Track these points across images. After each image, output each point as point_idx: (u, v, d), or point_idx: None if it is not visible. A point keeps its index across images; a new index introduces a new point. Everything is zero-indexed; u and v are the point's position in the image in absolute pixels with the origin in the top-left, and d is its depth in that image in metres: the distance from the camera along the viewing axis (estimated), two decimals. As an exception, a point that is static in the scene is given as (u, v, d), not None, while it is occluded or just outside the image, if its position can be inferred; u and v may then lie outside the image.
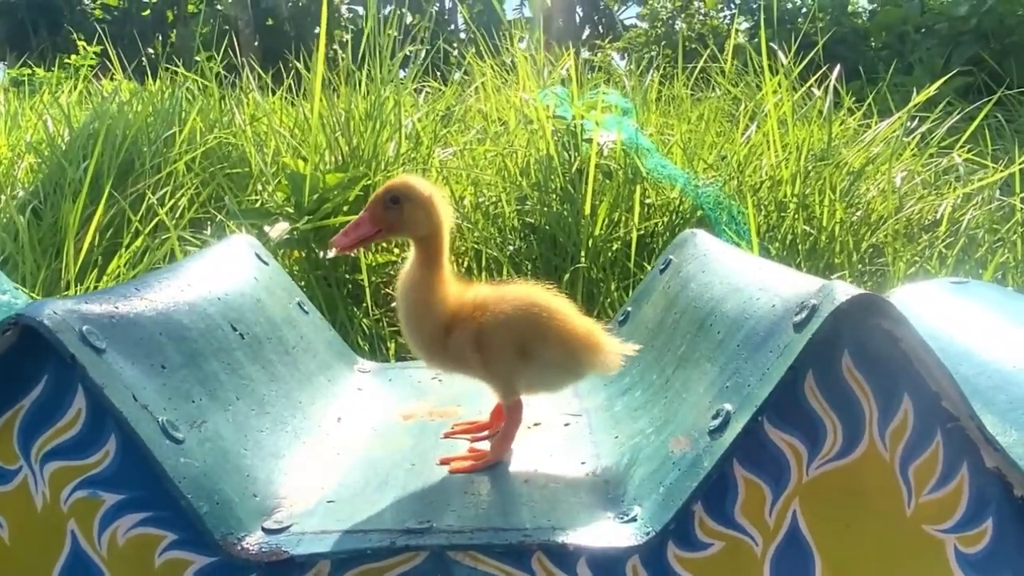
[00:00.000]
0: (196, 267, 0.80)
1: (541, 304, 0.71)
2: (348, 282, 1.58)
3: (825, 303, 0.55)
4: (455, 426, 0.80)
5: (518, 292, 0.72)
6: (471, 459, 0.72)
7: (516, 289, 0.72)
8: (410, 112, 1.99)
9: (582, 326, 0.71)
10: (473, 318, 0.70)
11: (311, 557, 0.56)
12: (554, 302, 0.72)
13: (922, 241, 1.65)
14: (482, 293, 0.72)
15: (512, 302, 0.70)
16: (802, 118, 1.92)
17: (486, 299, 0.71)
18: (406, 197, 0.69)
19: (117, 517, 0.58)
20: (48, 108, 2.47)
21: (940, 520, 0.58)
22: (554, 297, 0.72)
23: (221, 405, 0.67)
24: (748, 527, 0.57)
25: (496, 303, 0.70)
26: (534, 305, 0.70)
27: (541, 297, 0.71)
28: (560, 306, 0.72)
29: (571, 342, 0.70)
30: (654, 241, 1.65)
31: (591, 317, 1.48)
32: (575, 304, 0.74)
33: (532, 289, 0.73)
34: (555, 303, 0.71)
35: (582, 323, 0.72)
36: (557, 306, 0.71)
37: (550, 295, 0.72)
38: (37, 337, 0.55)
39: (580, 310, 0.74)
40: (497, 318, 0.69)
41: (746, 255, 0.86)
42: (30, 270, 1.62)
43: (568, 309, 0.72)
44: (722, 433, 0.57)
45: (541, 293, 0.72)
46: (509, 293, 0.72)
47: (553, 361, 0.70)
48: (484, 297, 0.71)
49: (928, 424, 0.57)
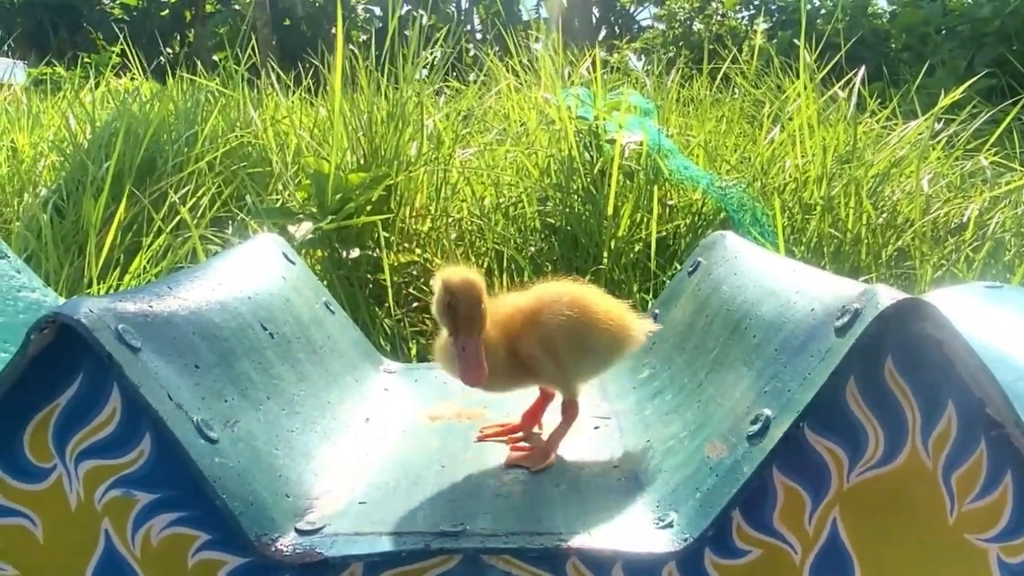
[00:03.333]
0: (226, 266, 0.80)
1: (587, 297, 0.73)
2: (370, 282, 1.58)
3: (868, 307, 0.54)
4: (484, 429, 0.80)
5: (558, 290, 0.73)
6: (528, 450, 0.73)
7: (552, 288, 0.74)
8: (431, 112, 1.99)
9: (617, 310, 0.75)
10: (530, 328, 0.71)
11: (345, 559, 0.56)
12: (590, 292, 0.75)
13: (949, 245, 1.63)
14: (520, 301, 0.73)
15: (562, 301, 0.72)
16: (826, 120, 1.91)
17: (530, 306, 0.72)
18: (484, 300, 0.68)
19: (151, 517, 0.58)
20: (71, 107, 2.48)
21: (983, 529, 0.57)
22: (586, 287, 0.75)
23: (252, 405, 0.67)
24: (787, 535, 0.57)
25: (548, 306, 0.72)
26: (582, 299, 0.73)
27: (579, 291, 0.74)
28: (596, 294, 0.75)
29: (616, 327, 0.73)
30: (676, 243, 1.64)
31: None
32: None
33: (565, 285, 0.74)
34: (591, 293, 0.75)
35: (616, 306, 0.75)
36: (595, 295, 0.74)
37: (581, 286, 0.75)
38: (73, 335, 0.55)
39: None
40: (558, 319, 0.71)
41: (777, 257, 0.85)
42: (53, 268, 1.63)
43: (601, 295, 0.75)
44: (762, 439, 0.56)
45: (575, 287, 0.74)
46: (549, 294, 0.73)
47: (604, 348, 0.73)
48: (526, 304, 0.73)
49: (972, 431, 0.56)
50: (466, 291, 0.66)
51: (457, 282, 0.67)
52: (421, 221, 1.75)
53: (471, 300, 0.66)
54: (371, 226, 1.56)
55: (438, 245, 1.70)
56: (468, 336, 0.67)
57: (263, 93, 2.48)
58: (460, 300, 0.66)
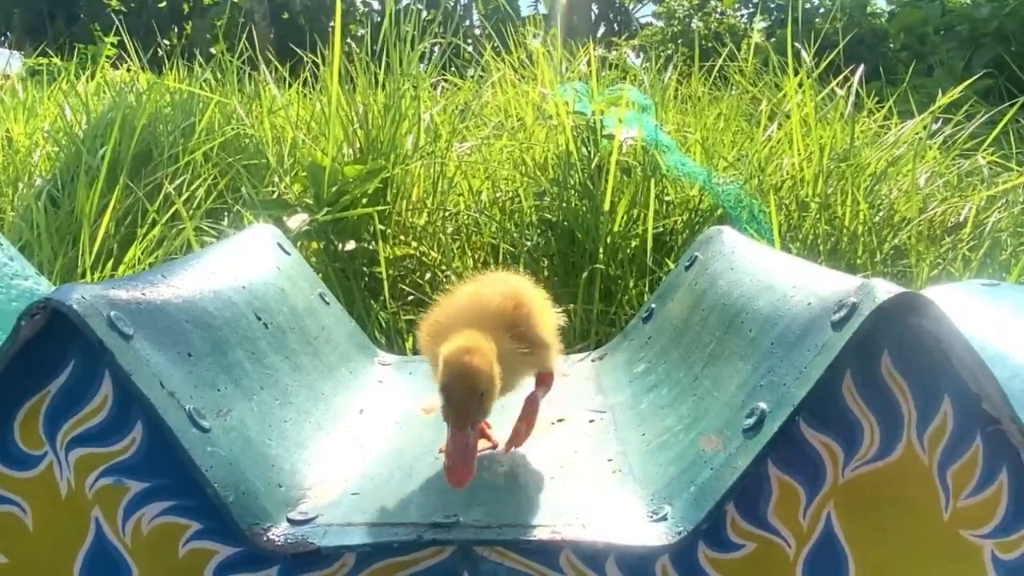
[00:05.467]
0: (220, 255, 0.79)
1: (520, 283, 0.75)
2: (366, 275, 1.57)
3: (866, 301, 0.54)
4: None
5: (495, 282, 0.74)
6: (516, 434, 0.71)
7: (487, 283, 0.74)
8: (428, 105, 1.98)
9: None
10: (523, 318, 0.70)
11: (337, 549, 0.56)
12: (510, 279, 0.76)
13: (945, 244, 1.63)
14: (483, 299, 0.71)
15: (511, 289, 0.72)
16: (823, 118, 1.91)
17: (499, 299, 0.70)
18: (488, 386, 0.61)
19: (142, 505, 0.57)
20: (66, 97, 2.47)
21: (978, 525, 0.56)
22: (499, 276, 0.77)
23: (246, 394, 0.66)
24: (781, 529, 0.56)
25: (516, 293, 0.71)
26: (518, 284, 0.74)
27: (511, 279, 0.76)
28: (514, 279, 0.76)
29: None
30: (673, 239, 1.64)
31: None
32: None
33: (492, 278, 0.76)
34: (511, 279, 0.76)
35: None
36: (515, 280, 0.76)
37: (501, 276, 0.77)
38: (65, 322, 0.55)
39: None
40: (537, 302, 0.73)
41: (775, 252, 0.85)
42: (47, 257, 1.62)
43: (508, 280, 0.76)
44: (757, 432, 0.55)
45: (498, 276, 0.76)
46: (498, 283, 0.73)
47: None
48: (495, 299, 0.71)
49: (968, 427, 0.56)
50: (462, 381, 0.59)
51: (456, 367, 0.59)
52: (417, 214, 1.74)
53: (465, 393, 0.59)
54: (367, 219, 1.55)
55: (434, 239, 1.70)
56: (458, 428, 0.58)
57: (260, 86, 2.47)
58: (453, 390, 0.59)
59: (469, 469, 0.57)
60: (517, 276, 0.77)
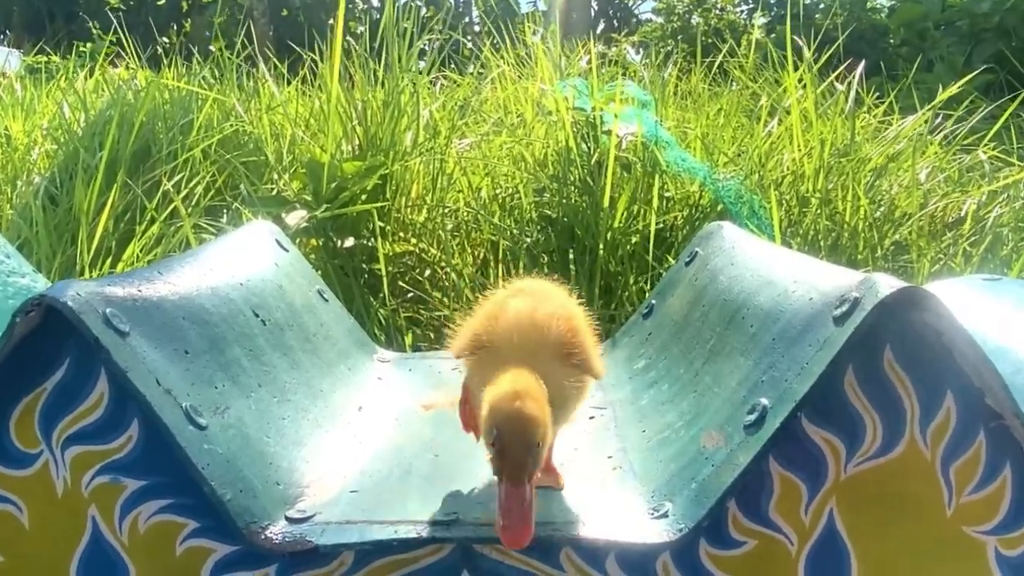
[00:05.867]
0: (217, 252, 0.79)
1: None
2: (365, 272, 1.57)
3: (868, 296, 0.53)
4: None
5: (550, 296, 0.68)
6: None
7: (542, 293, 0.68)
8: (428, 102, 1.97)
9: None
10: (576, 341, 0.62)
11: (335, 548, 0.55)
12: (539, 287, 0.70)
13: (946, 239, 1.62)
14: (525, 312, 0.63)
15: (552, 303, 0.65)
16: (824, 113, 1.90)
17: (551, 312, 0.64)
18: (544, 435, 0.54)
19: (139, 503, 0.57)
20: (64, 95, 2.46)
21: (981, 521, 0.56)
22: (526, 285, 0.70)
23: (243, 392, 0.66)
24: (783, 525, 0.56)
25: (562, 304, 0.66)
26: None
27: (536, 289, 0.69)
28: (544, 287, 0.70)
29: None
30: (673, 235, 1.63)
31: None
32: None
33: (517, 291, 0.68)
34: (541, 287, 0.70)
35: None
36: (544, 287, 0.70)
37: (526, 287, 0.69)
38: (60, 319, 0.54)
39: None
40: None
41: (775, 247, 0.85)
42: (45, 255, 1.62)
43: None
44: (758, 428, 0.55)
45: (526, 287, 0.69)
46: (549, 301, 0.66)
47: None
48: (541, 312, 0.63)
49: (971, 422, 0.55)
50: (518, 432, 0.52)
51: (509, 418, 0.53)
52: (417, 211, 1.74)
53: (524, 443, 0.52)
54: (366, 215, 1.55)
55: (434, 235, 1.69)
56: (515, 484, 0.52)
57: (259, 83, 2.46)
58: (509, 443, 0.52)
59: (528, 527, 0.51)
60: (560, 289, 0.70)
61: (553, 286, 0.70)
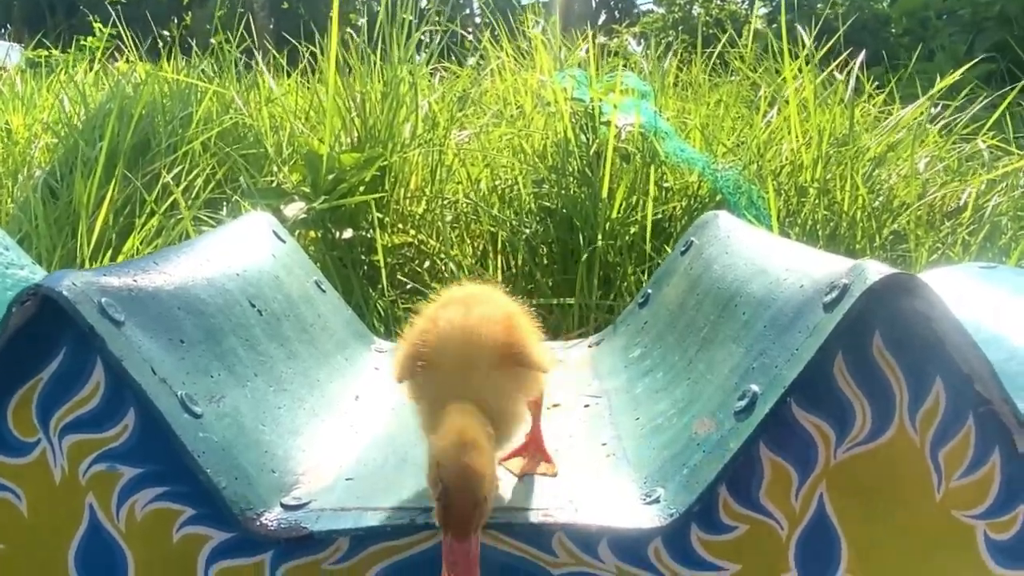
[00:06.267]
0: (214, 243, 0.79)
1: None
2: (364, 263, 1.57)
3: (857, 283, 0.54)
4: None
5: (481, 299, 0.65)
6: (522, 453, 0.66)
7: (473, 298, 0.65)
8: (426, 93, 1.97)
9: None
10: (513, 340, 0.61)
11: (330, 534, 0.56)
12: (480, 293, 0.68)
13: (945, 228, 1.62)
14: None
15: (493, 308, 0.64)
16: (823, 103, 1.90)
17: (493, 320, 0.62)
18: (490, 489, 0.53)
19: (135, 491, 0.57)
20: (65, 88, 2.47)
21: (970, 506, 0.56)
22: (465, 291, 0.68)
23: (239, 381, 0.66)
24: (773, 510, 0.56)
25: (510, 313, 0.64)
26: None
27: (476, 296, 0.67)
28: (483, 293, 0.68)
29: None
30: (672, 225, 1.63)
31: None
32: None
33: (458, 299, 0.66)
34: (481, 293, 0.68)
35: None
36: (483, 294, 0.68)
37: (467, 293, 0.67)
38: (56, 308, 0.55)
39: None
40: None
41: (770, 236, 0.85)
42: (46, 248, 1.62)
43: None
44: (749, 414, 0.55)
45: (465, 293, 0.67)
46: (480, 305, 0.63)
47: None
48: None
49: (960, 407, 0.56)
50: (464, 487, 0.51)
51: (451, 473, 0.51)
52: (416, 203, 1.74)
53: (470, 499, 0.51)
54: (365, 207, 1.55)
55: (433, 227, 1.70)
56: (460, 539, 0.50)
57: (258, 76, 2.46)
58: (454, 497, 0.51)
59: None
60: (494, 291, 0.68)
61: (486, 289, 0.68)
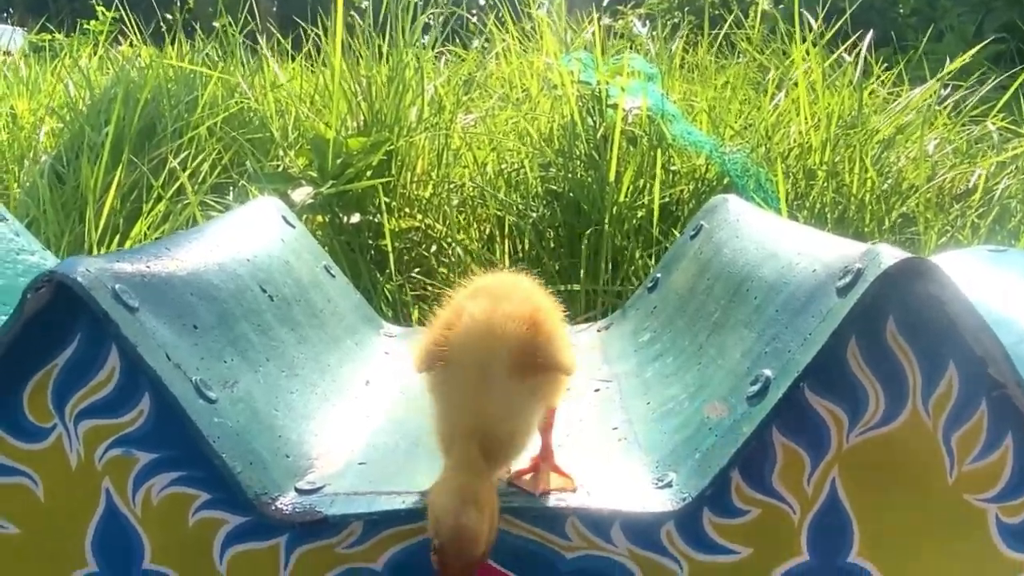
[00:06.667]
0: (224, 228, 0.79)
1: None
2: (371, 248, 1.57)
3: (871, 267, 0.54)
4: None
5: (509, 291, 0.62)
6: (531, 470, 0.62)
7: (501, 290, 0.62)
8: (432, 77, 1.96)
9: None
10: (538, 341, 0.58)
11: (344, 518, 0.56)
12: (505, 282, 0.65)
13: (954, 211, 1.62)
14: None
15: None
16: (831, 85, 1.88)
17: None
18: (488, 545, 0.51)
19: (151, 476, 0.58)
20: (69, 72, 2.46)
21: (982, 490, 0.57)
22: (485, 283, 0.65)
23: (252, 366, 0.67)
24: (786, 494, 0.57)
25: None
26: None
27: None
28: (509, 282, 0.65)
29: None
30: (679, 209, 1.63)
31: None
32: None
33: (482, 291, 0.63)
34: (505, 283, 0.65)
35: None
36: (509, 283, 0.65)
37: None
38: (70, 295, 0.55)
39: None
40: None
41: (781, 220, 0.85)
42: (53, 233, 1.62)
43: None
44: (761, 399, 0.56)
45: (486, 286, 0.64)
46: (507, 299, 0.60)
47: None
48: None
49: (973, 392, 0.56)
50: (458, 547, 0.50)
51: (448, 534, 0.50)
52: (422, 187, 1.74)
53: (464, 560, 0.50)
54: (372, 191, 1.55)
55: (439, 211, 1.69)
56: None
57: (263, 60, 2.46)
58: (449, 556, 0.50)
59: None
60: (524, 281, 0.64)
61: (517, 279, 0.64)
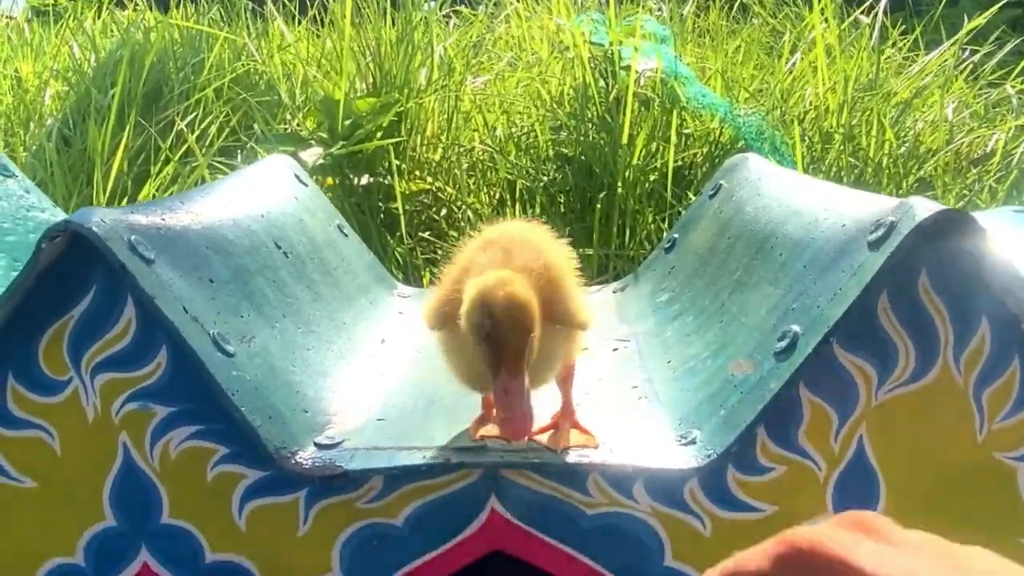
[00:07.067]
0: (238, 185, 0.78)
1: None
2: (381, 210, 1.56)
3: (905, 220, 0.52)
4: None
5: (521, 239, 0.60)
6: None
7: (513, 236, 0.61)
8: (441, 38, 1.93)
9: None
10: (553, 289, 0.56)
11: (365, 473, 0.56)
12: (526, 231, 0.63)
13: (972, 175, 1.59)
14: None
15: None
16: (847, 48, 1.85)
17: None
18: (535, 324, 0.50)
19: (169, 430, 0.57)
20: (74, 35, 2.43)
21: (1013, 447, 0.56)
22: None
23: (268, 322, 0.66)
24: (812, 452, 0.56)
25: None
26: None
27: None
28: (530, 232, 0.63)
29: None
30: (693, 172, 1.61)
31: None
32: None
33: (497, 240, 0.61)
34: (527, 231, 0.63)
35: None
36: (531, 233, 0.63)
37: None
38: (86, 246, 0.54)
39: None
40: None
41: (802, 177, 0.83)
42: (61, 195, 1.61)
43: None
44: (790, 355, 0.54)
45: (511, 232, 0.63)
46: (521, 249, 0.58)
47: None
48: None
49: (1006, 348, 0.55)
50: (514, 317, 0.49)
51: (502, 304, 0.49)
52: (432, 150, 1.72)
53: (521, 328, 0.49)
54: (382, 154, 1.53)
55: (450, 174, 1.68)
56: (513, 376, 0.49)
57: (269, 21, 2.42)
58: (506, 329, 0.49)
59: (530, 420, 0.49)
60: (537, 230, 0.62)
61: (529, 228, 0.63)
